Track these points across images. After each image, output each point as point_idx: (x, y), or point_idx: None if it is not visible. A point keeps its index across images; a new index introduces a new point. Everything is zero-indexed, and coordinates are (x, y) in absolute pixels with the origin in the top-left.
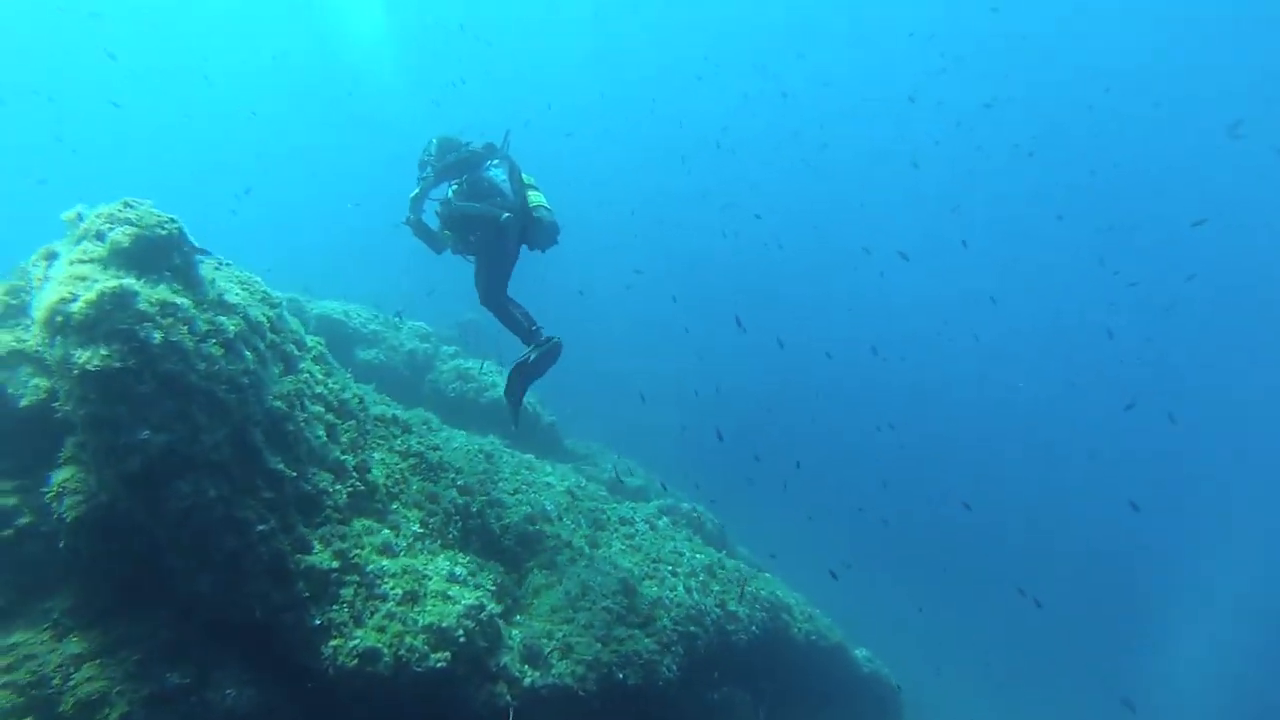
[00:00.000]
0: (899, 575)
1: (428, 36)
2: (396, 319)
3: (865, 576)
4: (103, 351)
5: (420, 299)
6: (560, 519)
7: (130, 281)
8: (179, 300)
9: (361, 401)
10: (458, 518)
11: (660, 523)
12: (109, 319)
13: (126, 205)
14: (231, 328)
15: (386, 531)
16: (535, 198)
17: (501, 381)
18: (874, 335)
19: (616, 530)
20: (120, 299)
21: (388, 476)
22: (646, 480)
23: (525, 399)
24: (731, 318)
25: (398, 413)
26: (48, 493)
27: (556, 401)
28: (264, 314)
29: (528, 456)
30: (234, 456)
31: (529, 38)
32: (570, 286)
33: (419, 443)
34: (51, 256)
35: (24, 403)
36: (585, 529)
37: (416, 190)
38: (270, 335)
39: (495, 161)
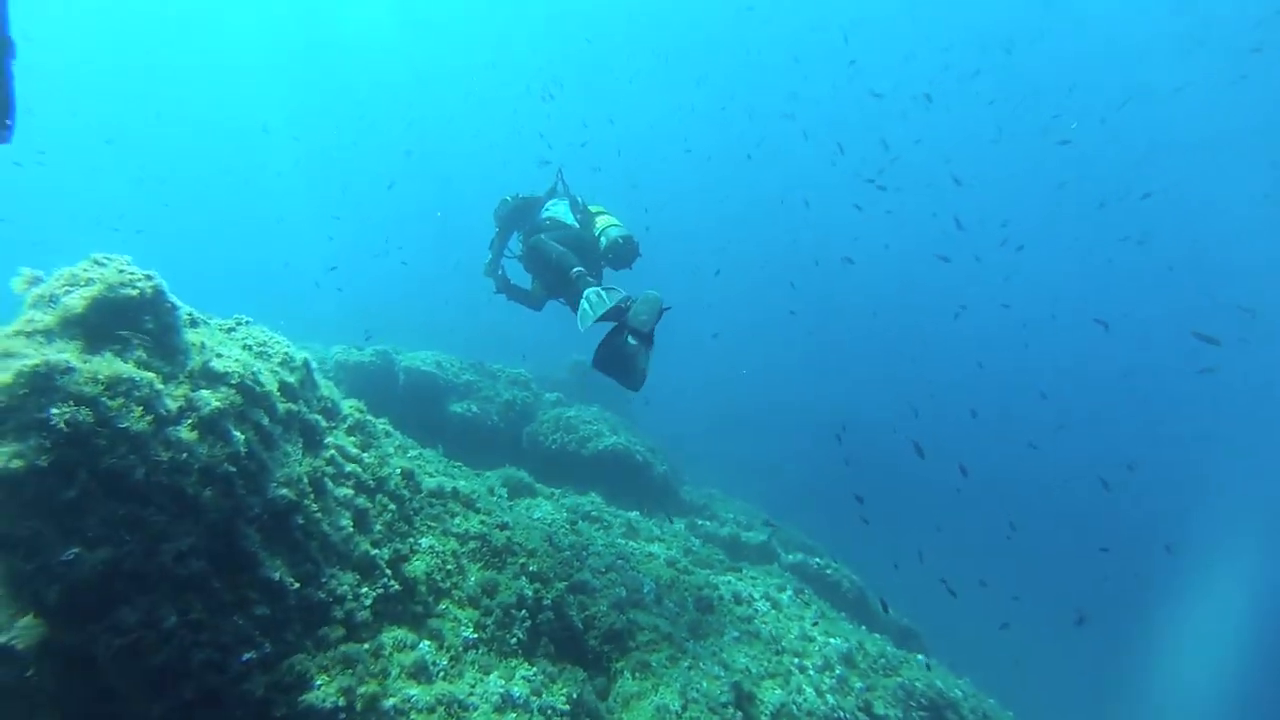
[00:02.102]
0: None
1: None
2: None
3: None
4: (9, 449)
5: (526, 343)
6: (660, 602)
7: (63, 356)
8: (137, 375)
9: (410, 477)
10: (525, 614)
11: (784, 596)
12: (25, 406)
13: (94, 263)
14: (214, 403)
15: (425, 644)
16: (604, 221)
17: (606, 432)
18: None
19: (729, 612)
20: (43, 379)
21: (437, 568)
22: (771, 534)
23: (635, 449)
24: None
25: (461, 485)
26: None
27: (679, 441)
28: (276, 381)
29: (632, 515)
30: (213, 567)
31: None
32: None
33: (483, 522)
34: None
35: None
36: (691, 612)
37: (489, 258)
38: (285, 405)
39: (553, 201)
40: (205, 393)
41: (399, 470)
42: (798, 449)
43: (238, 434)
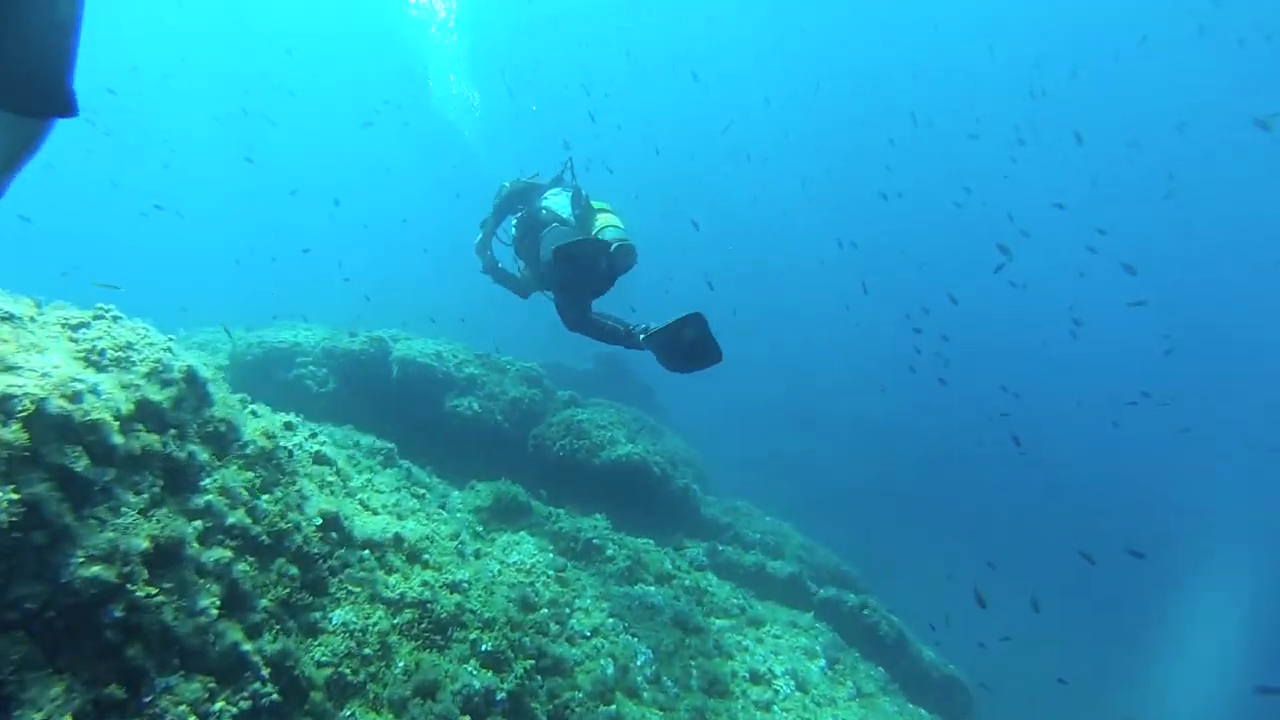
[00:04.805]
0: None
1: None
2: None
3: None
4: None
5: (531, 334)
6: (657, 680)
7: None
8: None
9: (334, 525)
10: (466, 719)
11: (813, 669)
12: None
13: None
14: None
15: None
16: (604, 220)
17: (621, 439)
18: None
19: (744, 695)
20: None
21: (348, 656)
22: (801, 561)
23: (653, 459)
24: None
25: (407, 529)
26: None
27: (712, 436)
28: (132, 401)
29: (640, 544)
30: None
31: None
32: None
33: (426, 582)
34: None
35: None
36: (695, 694)
37: (479, 236)
38: (138, 438)
39: (555, 191)
40: None
41: (317, 516)
42: (836, 446)
43: (3, 493)
